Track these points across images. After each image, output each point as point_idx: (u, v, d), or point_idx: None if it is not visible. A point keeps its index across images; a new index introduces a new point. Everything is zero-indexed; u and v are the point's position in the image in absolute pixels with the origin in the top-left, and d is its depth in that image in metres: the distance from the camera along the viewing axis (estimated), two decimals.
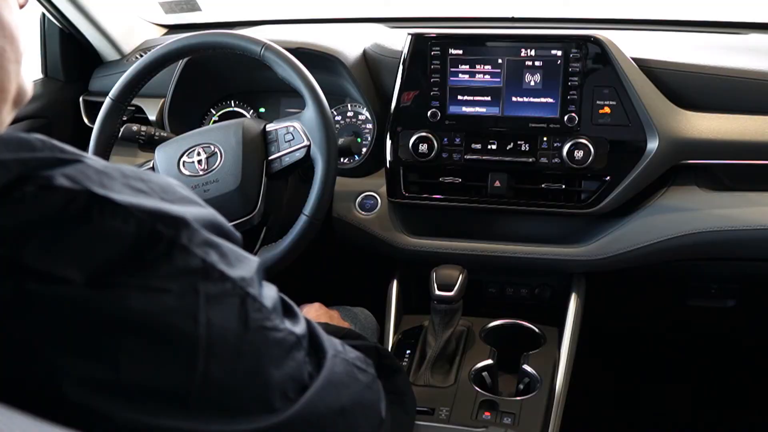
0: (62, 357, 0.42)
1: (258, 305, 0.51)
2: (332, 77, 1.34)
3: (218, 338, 0.47)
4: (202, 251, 0.46)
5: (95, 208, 0.42)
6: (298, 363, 0.55)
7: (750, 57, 1.27)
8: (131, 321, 0.43)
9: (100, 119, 1.17)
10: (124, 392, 0.44)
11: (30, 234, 0.41)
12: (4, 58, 0.54)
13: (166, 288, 0.44)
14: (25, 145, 0.45)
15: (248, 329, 0.49)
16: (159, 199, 0.46)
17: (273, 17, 1.78)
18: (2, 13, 0.54)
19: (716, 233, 1.20)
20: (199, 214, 0.48)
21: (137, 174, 0.48)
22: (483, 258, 1.28)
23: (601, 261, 1.24)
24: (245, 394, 0.50)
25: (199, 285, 0.46)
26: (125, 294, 0.43)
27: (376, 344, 0.80)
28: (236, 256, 0.50)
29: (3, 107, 0.56)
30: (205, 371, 0.46)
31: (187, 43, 1.13)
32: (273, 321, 0.52)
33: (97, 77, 1.61)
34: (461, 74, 1.23)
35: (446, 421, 1.05)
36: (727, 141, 1.19)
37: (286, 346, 0.54)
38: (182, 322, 0.45)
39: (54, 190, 0.42)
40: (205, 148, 1.12)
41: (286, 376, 0.53)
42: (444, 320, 1.15)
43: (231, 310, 0.48)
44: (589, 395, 1.45)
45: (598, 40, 1.18)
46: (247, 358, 0.49)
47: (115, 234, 0.43)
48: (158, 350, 0.44)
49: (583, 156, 1.19)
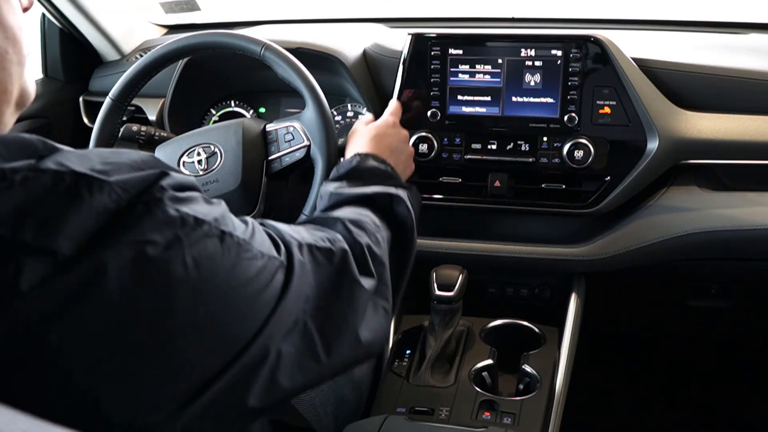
0: (64, 330, 0.45)
1: (235, 239, 0.55)
2: (332, 77, 1.34)
3: (208, 277, 0.52)
4: (176, 206, 0.51)
5: (81, 184, 0.47)
6: (278, 281, 0.60)
7: (750, 57, 1.28)
8: (126, 274, 0.47)
9: (99, 119, 1.17)
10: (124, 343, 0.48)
11: (24, 215, 0.45)
12: (7, 60, 0.55)
13: (152, 240, 0.48)
14: (27, 146, 0.48)
15: (233, 263, 0.54)
16: (133, 171, 0.51)
17: (273, 17, 1.78)
18: (5, 16, 0.55)
19: (716, 233, 1.20)
20: (171, 179, 0.53)
21: (111, 152, 0.53)
22: (483, 258, 1.28)
23: (601, 261, 1.24)
24: (236, 325, 0.55)
25: (179, 232, 0.50)
26: (118, 251, 0.47)
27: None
28: (205, 204, 0.55)
29: (6, 109, 0.57)
30: (200, 309, 0.51)
31: (187, 43, 1.13)
32: (252, 251, 0.57)
33: (97, 77, 1.61)
34: (461, 74, 1.23)
35: (446, 421, 1.05)
36: (727, 141, 1.19)
37: (271, 269, 0.59)
38: (173, 268, 0.49)
39: (42, 172, 0.46)
40: (205, 148, 1.12)
41: (271, 298, 0.59)
42: (444, 320, 1.15)
43: (214, 249, 0.53)
44: (589, 395, 1.45)
45: (598, 40, 1.18)
46: (236, 290, 0.55)
47: (102, 205, 0.47)
48: (154, 298, 0.49)
49: (583, 156, 1.19)
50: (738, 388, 1.75)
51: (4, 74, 0.55)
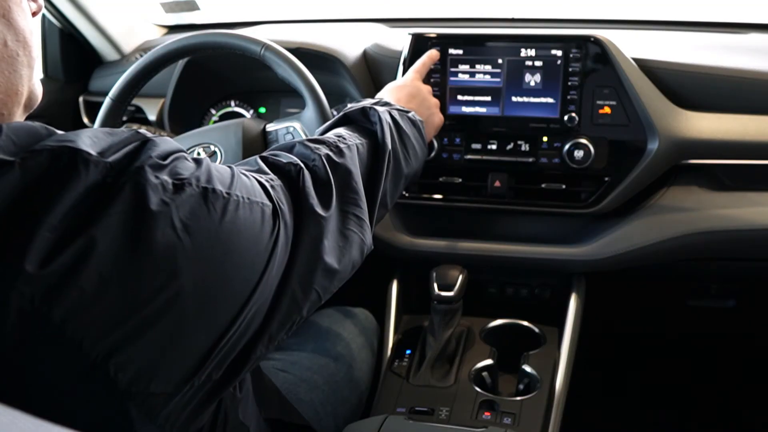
0: (68, 303, 0.46)
1: (218, 193, 0.56)
2: (332, 77, 1.34)
3: (199, 234, 0.52)
4: (157, 173, 0.52)
5: (78, 160, 0.48)
6: (269, 225, 0.61)
7: (750, 57, 1.27)
8: (117, 244, 0.48)
9: (99, 119, 1.17)
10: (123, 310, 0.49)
11: (26, 194, 0.46)
12: (18, 63, 0.56)
13: (139, 207, 0.49)
14: (34, 133, 0.49)
15: (220, 217, 0.55)
16: (123, 146, 0.52)
17: (273, 17, 1.78)
18: (16, 19, 0.56)
19: (716, 233, 1.20)
20: (153, 148, 0.54)
21: (102, 131, 0.54)
22: (483, 258, 1.28)
23: (601, 261, 1.24)
24: (236, 279, 0.56)
25: (164, 197, 0.51)
26: (107, 224, 0.48)
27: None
28: (188, 163, 0.56)
29: (16, 110, 0.58)
30: (197, 268, 0.52)
31: (187, 43, 1.13)
32: (239, 200, 0.58)
33: (97, 77, 1.61)
34: (461, 74, 1.23)
35: (446, 421, 1.05)
36: (727, 141, 1.19)
37: (259, 213, 0.60)
38: (163, 232, 0.50)
39: (38, 153, 0.48)
40: (205, 148, 1.13)
41: (267, 244, 0.60)
42: (444, 320, 1.15)
43: (199, 208, 0.54)
44: (589, 395, 1.45)
45: (598, 40, 1.18)
46: (229, 243, 0.55)
47: (93, 181, 0.48)
48: (149, 264, 0.49)
49: (583, 156, 1.19)
50: (738, 388, 1.75)
51: (15, 76, 0.57)
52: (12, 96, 0.57)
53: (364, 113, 0.90)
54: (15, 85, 0.57)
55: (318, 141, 0.78)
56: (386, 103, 0.97)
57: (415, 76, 1.14)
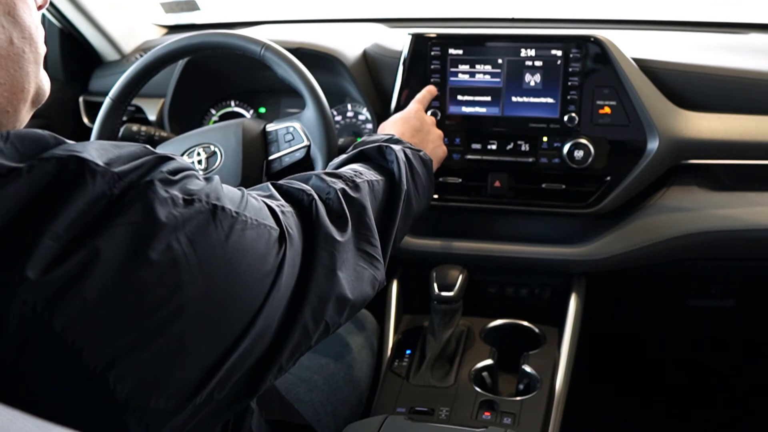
0: (69, 312, 0.46)
1: (227, 212, 0.56)
2: (332, 77, 1.34)
3: (204, 252, 0.52)
4: (167, 187, 0.52)
5: (85, 170, 0.48)
6: (275, 249, 0.60)
7: (750, 57, 1.28)
8: (122, 255, 0.48)
9: (99, 119, 1.17)
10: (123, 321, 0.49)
11: (32, 203, 0.46)
12: (24, 59, 0.56)
13: (145, 221, 0.49)
14: (41, 141, 0.49)
15: (226, 236, 0.55)
16: (131, 160, 0.52)
17: (273, 17, 1.78)
18: (22, 15, 0.56)
19: (716, 233, 1.20)
20: (165, 164, 0.54)
21: (112, 144, 0.54)
22: (483, 258, 1.28)
23: (601, 261, 1.24)
24: (239, 299, 0.56)
25: (172, 211, 0.51)
26: (112, 234, 0.48)
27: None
28: (198, 181, 0.56)
29: (23, 107, 0.58)
30: (200, 285, 0.52)
31: (187, 43, 1.13)
32: (247, 221, 0.58)
33: (97, 77, 1.61)
34: (461, 74, 1.23)
35: (446, 421, 1.05)
36: (727, 141, 1.19)
37: (266, 237, 0.59)
38: (169, 247, 0.50)
39: (47, 161, 0.48)
40: (205, 148, 1.13)
41: (272, 268, 0.59)
42: (444, 320, 1.15)
43: (207, 225, 0.53)
44: (590, 395, 1.45)
45: (598, 40, 1.18)
46: (233, 263, 0.55)
47: (100, 192, 0.48)
48: (152, 277, 0.49)
49: (584, 156, 1.19)
50: (738, 388, 1.75)
51: (21, 73, 0.56)
52: (18, 94, 0.57)
53: (380, 152, 0.91)
54: (21, 83, 0.57)
55: (335, 175, 0.78)
56: (398, 140, 0.97)
57: (418, 107, 1.14)
